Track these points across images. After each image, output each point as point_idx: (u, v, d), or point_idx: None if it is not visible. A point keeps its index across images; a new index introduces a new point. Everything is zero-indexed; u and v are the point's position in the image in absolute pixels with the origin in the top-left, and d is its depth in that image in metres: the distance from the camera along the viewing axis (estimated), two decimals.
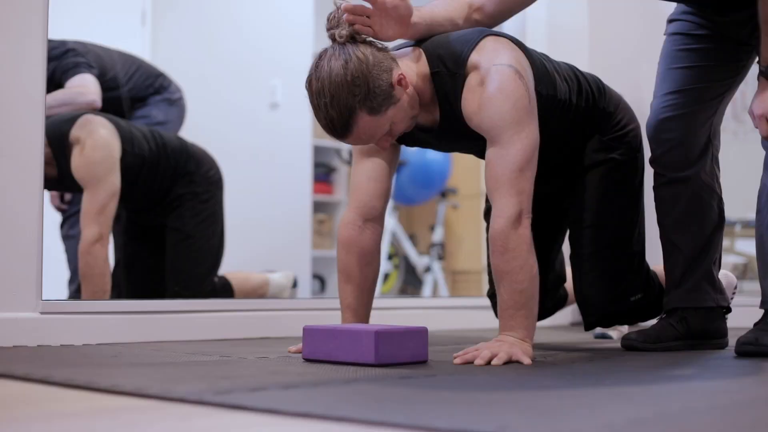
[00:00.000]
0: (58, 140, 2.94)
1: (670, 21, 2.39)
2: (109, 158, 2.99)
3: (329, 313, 2.78)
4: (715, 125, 2.36)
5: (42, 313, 2.33)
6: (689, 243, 2.33)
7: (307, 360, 1.97)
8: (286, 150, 4.85)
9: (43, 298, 2.34)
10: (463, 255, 6.15)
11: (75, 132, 2.97)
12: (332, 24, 2.03)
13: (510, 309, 1.96)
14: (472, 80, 2.02)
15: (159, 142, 3.20)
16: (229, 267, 3.55)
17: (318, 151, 5.36)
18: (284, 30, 4.87)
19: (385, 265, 5.88)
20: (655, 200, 2.39)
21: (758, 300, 2.21)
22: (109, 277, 2.94)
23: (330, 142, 5.43)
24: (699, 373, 1.77)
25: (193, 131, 3.75)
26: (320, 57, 1.99)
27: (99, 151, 2.96)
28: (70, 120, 3.00)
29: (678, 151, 2.31)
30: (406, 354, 1.92)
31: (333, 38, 2.01)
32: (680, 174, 2.32)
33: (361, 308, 2.23)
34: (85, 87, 3.25)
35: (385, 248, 5.66)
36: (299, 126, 4.86)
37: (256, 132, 4.82)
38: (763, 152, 2.17)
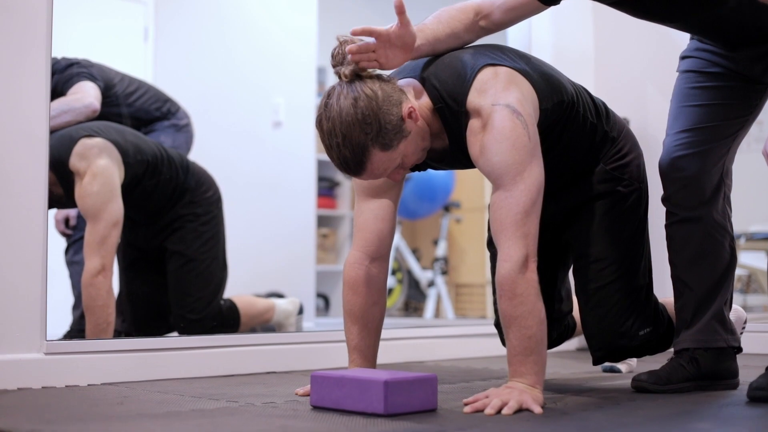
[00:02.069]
0: (59, 166, 2.91)
1: (682, 58, 2.36)
2: (108, 185, 2.94)
3: (335, 346, 2.77)
4: (727, 164, 2.33)
5: (46, 353, 2.31)
6: (700, 283, 2.31)
7: (315, 407, 1.95)
8: (289, 168, 4.83)
9: (48, 338, 2.32)
10: (467, 268, 6.13)
11: (74, 162, 2.93)
12: (337, 61, 2.01)
13: (519, 355, 1.94)
14: (473, 125, 2.01)
15: (163, 150, 3.19)
16: (234, 282, 3.54)
17: (321, 165, 5.34)
18: (287, 48, 4.85)
19: (388, 280, 5.86)
20: (667, 239, 2.36)
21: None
22: (112, 308, 2.90)
23: None
24: (713, 429, 1.74)
25: (197, 149, 3.73)
26: (329, 95, 1.97)
27: (97, 182, 2.92)
28: (68, 147, 2.94)
29: (691, 189, 2.28)
30: (415, 403, 1.90)
31: (339, 76, 1.99)
32: (693, 213, 2.29)
33: (369, 349, 2.21)
34: (82, 92, 3.21)
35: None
36: (303, 144, 4.84)
37: (259, 150, 4.80)
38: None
